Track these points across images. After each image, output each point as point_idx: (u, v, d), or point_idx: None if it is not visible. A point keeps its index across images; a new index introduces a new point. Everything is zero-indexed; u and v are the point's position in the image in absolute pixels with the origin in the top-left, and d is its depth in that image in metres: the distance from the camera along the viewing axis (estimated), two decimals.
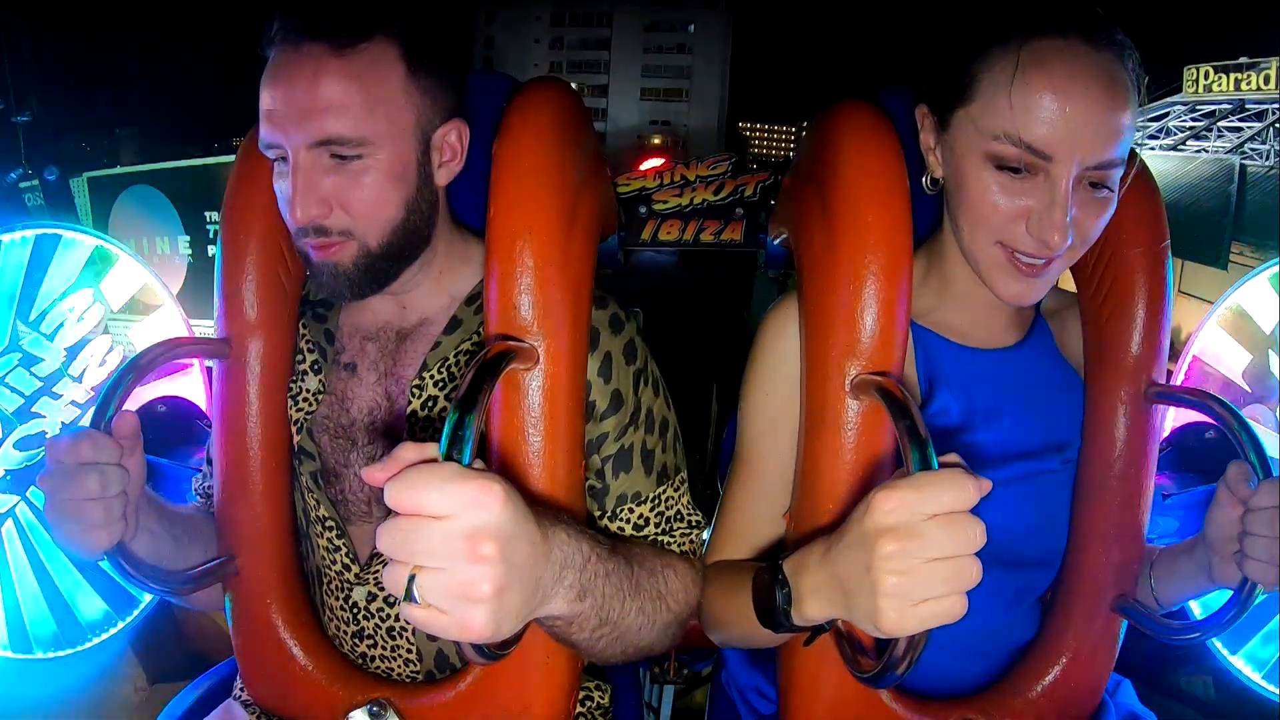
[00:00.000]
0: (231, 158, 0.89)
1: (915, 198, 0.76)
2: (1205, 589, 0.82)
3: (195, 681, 0.98)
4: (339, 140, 0.76)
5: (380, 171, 0.78)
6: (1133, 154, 0.80)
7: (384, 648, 0.88)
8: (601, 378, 0.83)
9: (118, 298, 1.89)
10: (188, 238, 4.32)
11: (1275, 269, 1.57)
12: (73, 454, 0.71)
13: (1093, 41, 0.71)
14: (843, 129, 0.80)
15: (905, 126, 0.82)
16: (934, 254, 0.89)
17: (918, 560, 0.54)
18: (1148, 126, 9.45)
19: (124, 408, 0.76)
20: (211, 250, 4.31)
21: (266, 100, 0.77)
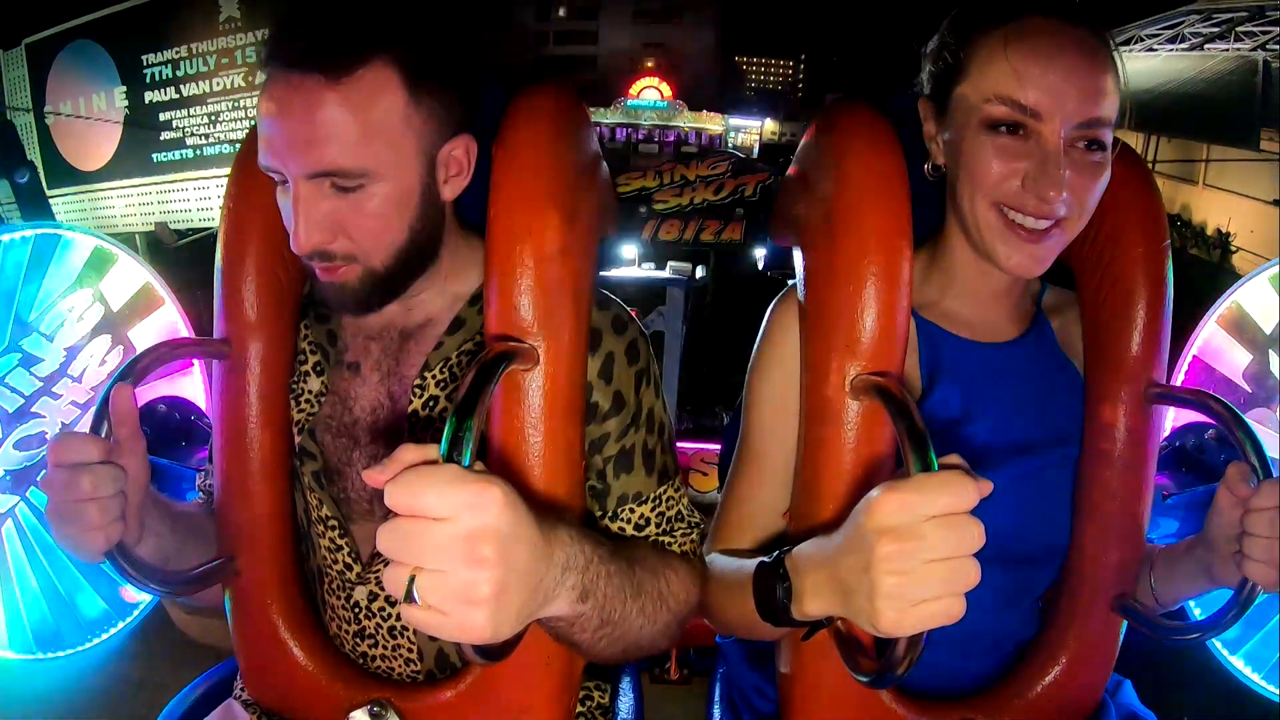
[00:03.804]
0: None
1: (915, 199, 0.77)
2: (1205, 589, 0.82)
3: (195, 681, 0.98)
4: (338, 172, 0.74)
5: (383, 198, 0.76)
6: (1127, 146, 0.83)
7: (385, 647, 0.88)
8: (603, 378, 0.83)
9: (118, 298, 1.89)
10: (124, 88, 4.23)
11: (1275, 269, 1.57)
12: (64, 456, 0.70)
13: (1070, 20, 0.77)
14: (843, 129, 0.80)
15: (905, 129, 0.82)
16: (936, 249, 0.91)
17: (916, 561, 0.54)
18: (1160, 34, 8.98)
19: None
20: (149, 96, 4.23)
21: (264, 126, 0.75)
